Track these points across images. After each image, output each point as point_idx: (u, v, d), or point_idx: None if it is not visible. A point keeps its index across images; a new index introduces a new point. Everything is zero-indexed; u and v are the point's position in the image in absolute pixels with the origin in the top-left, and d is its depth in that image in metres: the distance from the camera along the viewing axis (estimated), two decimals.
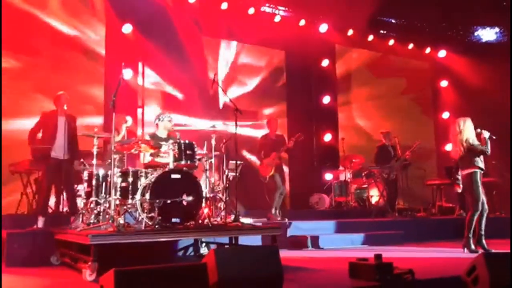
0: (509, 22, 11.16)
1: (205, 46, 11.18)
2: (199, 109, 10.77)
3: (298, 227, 7.86)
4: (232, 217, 6.18)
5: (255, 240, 6.45)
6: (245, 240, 6.20)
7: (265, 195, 8.82)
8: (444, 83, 13.70)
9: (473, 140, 6.56)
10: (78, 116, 7.26)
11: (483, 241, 6.54)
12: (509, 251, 4.45)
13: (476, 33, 13.28)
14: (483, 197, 6.56)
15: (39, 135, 6.90)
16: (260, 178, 8.66)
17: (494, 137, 6.58)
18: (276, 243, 5.64)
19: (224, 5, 10.68)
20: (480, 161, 6.54)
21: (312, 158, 12.13)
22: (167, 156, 5.99)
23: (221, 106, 10.97)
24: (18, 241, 5.86)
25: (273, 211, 8.46)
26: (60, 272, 5.40)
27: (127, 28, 9.62)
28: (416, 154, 10.14)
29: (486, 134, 6.57)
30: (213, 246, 6.36)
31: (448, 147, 11.79)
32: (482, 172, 6.60)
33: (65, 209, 7.39)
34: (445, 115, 13.48)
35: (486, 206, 6.57)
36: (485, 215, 6.56)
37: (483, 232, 6.56)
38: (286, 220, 8.21)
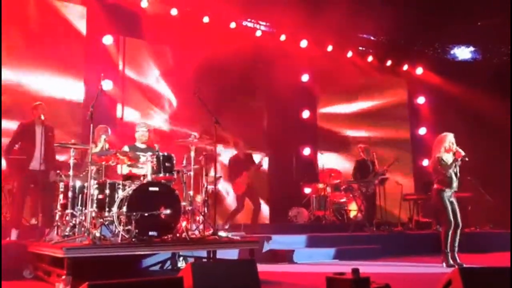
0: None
1: (185, 58, 11.17)
2: (180, 120, 10.75)
3: (275, 241, 7.84)
4: (210, 230, 6.14)
5: (233, 254, 6.42)
6: (223, 254, 6.16)
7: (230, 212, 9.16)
8: (421, 100, 13.94)
9: (445, 158, 6.65)
10: (55, 127, 7.17)
11: (456, 255, 6.63)
12: (484, 266, 4.52)
13: (452, 52, 13.61)
14: (456, 212, 6.66)
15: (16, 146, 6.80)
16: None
17: (466, 159, 6.66)
18: (253, 257, 5.62)
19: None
20: (447, 181, 6.62)
21: (291, 172, 12.17)
22: (145, 167, 5.95)
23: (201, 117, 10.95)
24: None
25: (226, 225, 8.61)
26: (33, 286, 5.29)
27: (108, 40, 9.56)
28: (393, 169, 10.30)
29: (460, 154, 6.64)
30: (191, 260, 6.30)
31: (425, 162, 12.01)
32: (452, 190, 6.67)
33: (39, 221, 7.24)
34: (422, 130, 13.70)
35: (459, 221, 6.67)
36: (458, 230, 6.65)
37: (455, 247, 6.64)
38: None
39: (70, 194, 5.78)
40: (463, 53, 13.53)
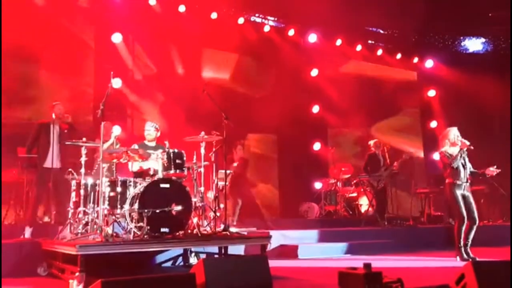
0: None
1: (194, 55, 11.20)
2: (188, 117, 10.77)
3: (286, 236, 7.84)
4: (222, 226, 6.16)
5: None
6: (235, 249, 6.17)
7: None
8: (431, 93, 13.83)
9: (451, 151, 6.60)
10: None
11: (468, 250, 6.58)
12: (497, 259, 4.49)
13: (462, 44, 13.47)
14: (471, 207, 6.60)
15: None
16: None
17: (471, 147, 6.60)
18: (265, 253, 5.62)
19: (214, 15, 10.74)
20: (456, 173, 6.58)
21: (302, 167, 12.15)
22: (156, 163, 5.98)
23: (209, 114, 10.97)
24: (4, 251, 5.77)
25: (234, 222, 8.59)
26: (47, 283, 5.33)
27: (117, 38, 9.60)
28: (405, 163, 10.25)
29: (465, 144, 6.59)
30: (203, 256, 6.33)
31: (436, 155, 11.91)
32: (461, 183, 6.62)
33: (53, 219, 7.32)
34: (433, 124, 13.61)
35: (475, 216, 6.60)
36: (474, 226, 6.60)
37: (468, 242, 6.60)
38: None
39: (82, 192, 5.83)
40: (474, 44, 13.39)
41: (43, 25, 8.93)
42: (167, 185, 5.65)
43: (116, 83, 9.20)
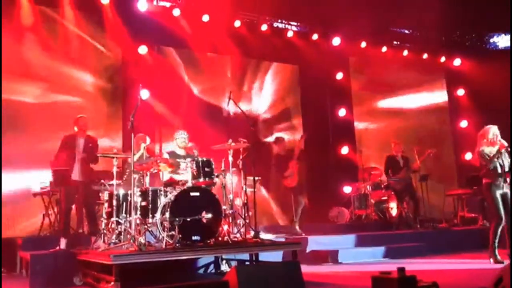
0: None
1: (218, 64, 11.30)
2: (214, 125, 10.87)
3: (318, 242, 7.80)
4: (252, 233, 6.16)
5: (276, 255, 6.42)
6: (267, 255, 6.16)
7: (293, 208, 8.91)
8: (461, 92, 13.56)
9: (488, 151, 6.44)
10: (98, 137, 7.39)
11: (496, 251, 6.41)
12: None
13: (491, 40, 13.19)
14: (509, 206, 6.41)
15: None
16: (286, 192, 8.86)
17: (509, 149, 6.41)
18: (297, 259, 5.60)
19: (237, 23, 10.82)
20: (493, 173, 6.40)
21: (330, 171, 12.06)
22: (186, 173, 6.04)
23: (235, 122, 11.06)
24: (41, 262, 5.92)
25: (297, 226, 8.51)
26: None
27: (143, 49, 9.75)
28: (433, 163, 10.09)
29: (503, 145, 6.41)
30: (234, 263, 6.34)
31: (468, 156, 11.65)
32: (499, 183, 6.40)
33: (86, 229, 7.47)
34: (463, 123, 13.33)
35: (502, 217, 6.40)
36: (499, 227, 6.41)
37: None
38: (303, 234, 8.30)
39: (114, 202, 5.93)
40: (503, 41, 13.09)
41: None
42: (197, 193, 5.70)
43: (145, 94, 9.37)
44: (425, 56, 13.02)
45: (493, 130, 6.51)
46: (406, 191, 9.66)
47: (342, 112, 12.21)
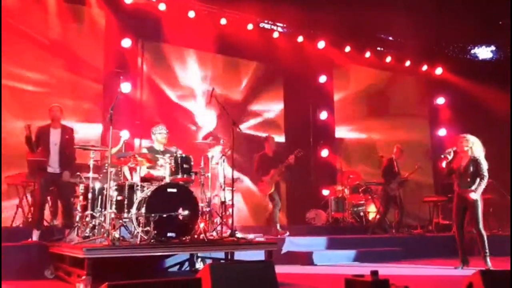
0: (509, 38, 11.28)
1: (201, 60, 11.26)
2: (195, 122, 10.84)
3: (293, 243, 7.81)
4: (228, 232, 6.14)
5: (258, 255, 6.40)
6: (249, 255, 6.13)
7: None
8: (440, 100, 13.76)
9: (483, 159, 6.55)
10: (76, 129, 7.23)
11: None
12: (508, 269, 4.43)
13: (472, 51, 13.41)
14: None
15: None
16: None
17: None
18: (271, 259, 5.60)
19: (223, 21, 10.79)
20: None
21: (309, 173, 12.11)
22: (164, 169, 5.99)
23: (216, 119, 11.02)
24: (12, 254, 5.81)
25: (278, 226, 8.49)
26: (54, 286, 5.36)
27: (126, 42, 9.65)
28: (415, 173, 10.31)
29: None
30: (209, 261, 6.31)
31: (444, 164, 11.81)
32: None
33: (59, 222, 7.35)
34: (442, 132, 13.53)
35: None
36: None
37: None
38: (288, 233, 8.32)
39: (89, 195, 5.84)
40: (484, 52, 13.33)
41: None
42: (174, 190, 5.65)
43: (126, 87, 9.28)
44: (407, 63, 13.15)
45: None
46: (397, 197, 9.70)
47: (323, 115, 12.27)
